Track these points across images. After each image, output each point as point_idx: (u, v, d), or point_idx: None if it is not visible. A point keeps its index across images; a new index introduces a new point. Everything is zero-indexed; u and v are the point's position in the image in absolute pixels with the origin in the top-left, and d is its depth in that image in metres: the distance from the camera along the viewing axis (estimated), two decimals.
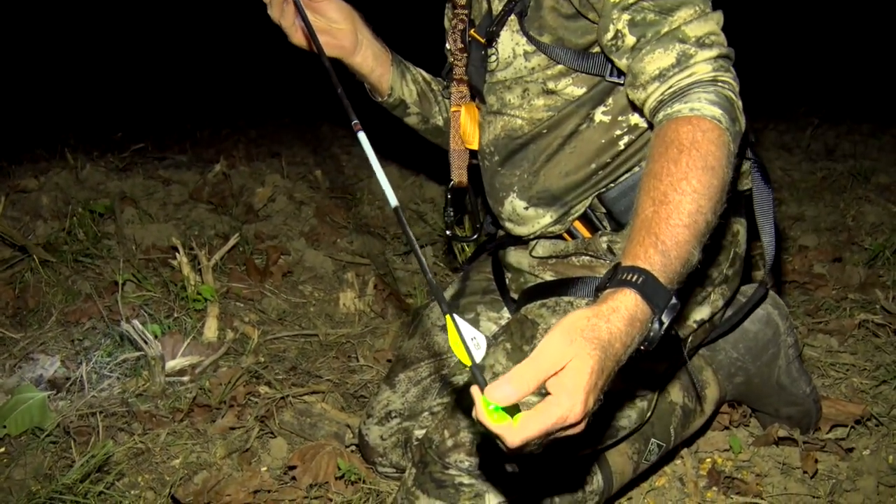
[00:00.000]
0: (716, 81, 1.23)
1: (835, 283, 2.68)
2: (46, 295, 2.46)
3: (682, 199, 1.09)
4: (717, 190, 1.12)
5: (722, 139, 1.15)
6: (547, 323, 1.49)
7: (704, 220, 1.10)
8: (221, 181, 3.30)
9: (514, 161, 1.55)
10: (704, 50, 1.24)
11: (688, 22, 1.25)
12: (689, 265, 1.09)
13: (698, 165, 1.11)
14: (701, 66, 1.24)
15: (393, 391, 1.77)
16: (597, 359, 0.95)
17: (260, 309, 2.46)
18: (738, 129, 1.22)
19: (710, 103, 1.19)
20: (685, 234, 1.08)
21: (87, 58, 7.01)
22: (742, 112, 1.24)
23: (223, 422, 1.96)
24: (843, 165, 3.97)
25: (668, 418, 1.68)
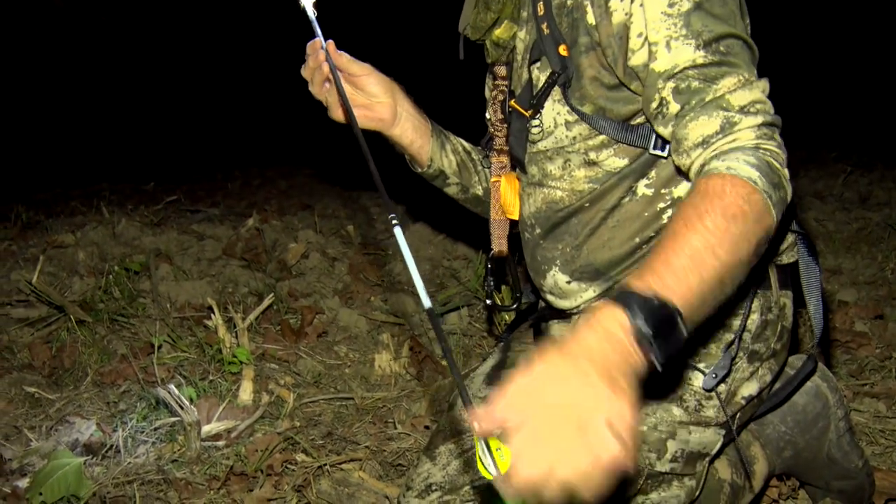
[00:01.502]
0: (758, 148, 1.20)
1: (878, 342, 2.62)
2: (82, 355, 2.47)
3: (689, 234, 1.06)
4: (736, 237, 1.08)
5: (753, 197, 1.13)
6: None
7: (715, 258, 1.05)
8: (254, 236, 3.31)
9: (557, 234, 1.53)
10: (749, 117, 1.22)
11: (732, 91, 1.24)
12: (691, 295, 1.03)
13: (717, 210, 1.09)
14: (745, 133, 1.22)
15: (433, 463, 1.74)
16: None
17: (295, 371, 2.45)
18: (782, 195, 1.18)
19: (748, 164, 1.17)
20: (684, 263, 1.03)
21: (118, 109, 7.13)
22: (788, 181, 1.21)
23: (260, 492, 1.93)
24: (878, 215, 3.92)
25: (717, 496, 1.63)
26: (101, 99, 7.29)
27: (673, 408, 1.44)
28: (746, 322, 1.46)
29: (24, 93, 7.09)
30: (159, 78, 7.70)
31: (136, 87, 7.53)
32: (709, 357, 1.45)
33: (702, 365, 1.45)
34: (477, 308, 2.85)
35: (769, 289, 1.50)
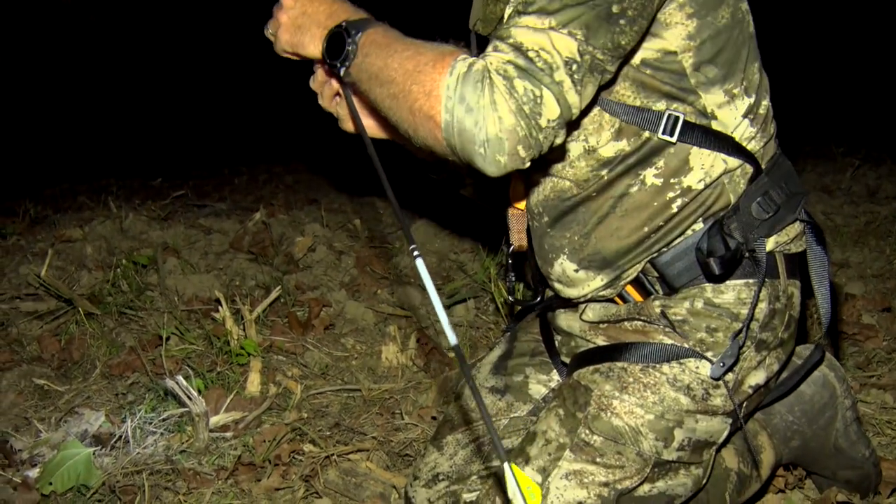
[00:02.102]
0: (487, 72, 1.17)
1: (885, 334, 2.62)
2: (91, 347, 2.48)
3: (402, 42, 1.27)
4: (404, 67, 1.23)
5: (433, 71, 1.19)
6: (601, 389, 1.47)
7: (381, 70, 1.26)
8: (261, 230, 3.32)
9: (564, 223, 1.53)
10: (511, 52, 1.18)
11: (524, 27, 1.20)
12: (365, 60, 1.29)
13: (413, 57, 1.23)
14: (494, 57, 1.19)
15: (440, 453, 1.75)
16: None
17: (302, 363, 2.46)
18: (460, 117, 1.16)
19: (466, 65, 1.18)
20: (383, 43, 1.28)
21: (125, 102, 7.15)
22: (481, 126, 1.15)
23: (268, 482, 1.94)
24: (886, 208, 3.91)
25: (724, 485, 1.64)
26: (109, 94, 7.32)
27: (680, 397, 1.45)
28: (754, 311, 1.46)
29: (31, 89, 7.13)
30: (167, 74, 7.72)
31: (144, 82, 7.55)
32: (716, 346, 1.45)
33: (709, 354, 1.45)
34: (483, 300, 2.85)
35: (777, 278, 1.50)
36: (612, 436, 1.44)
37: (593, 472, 1.43)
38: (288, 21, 1.42)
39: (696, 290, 1.47)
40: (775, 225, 1.46)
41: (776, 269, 1.49)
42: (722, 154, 1.42)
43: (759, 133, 1.46)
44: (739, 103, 1.42)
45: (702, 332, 1.46)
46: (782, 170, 1.49)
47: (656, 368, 1.45)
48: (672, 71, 1.37)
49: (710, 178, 1.43)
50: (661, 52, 1.35)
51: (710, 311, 1.46)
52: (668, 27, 1.34)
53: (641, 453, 1.44)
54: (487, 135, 1.15)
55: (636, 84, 1.38)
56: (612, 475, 1.43)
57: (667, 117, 1.38)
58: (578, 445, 1.45)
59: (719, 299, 1.46)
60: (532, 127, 1.16)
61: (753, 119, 1.45)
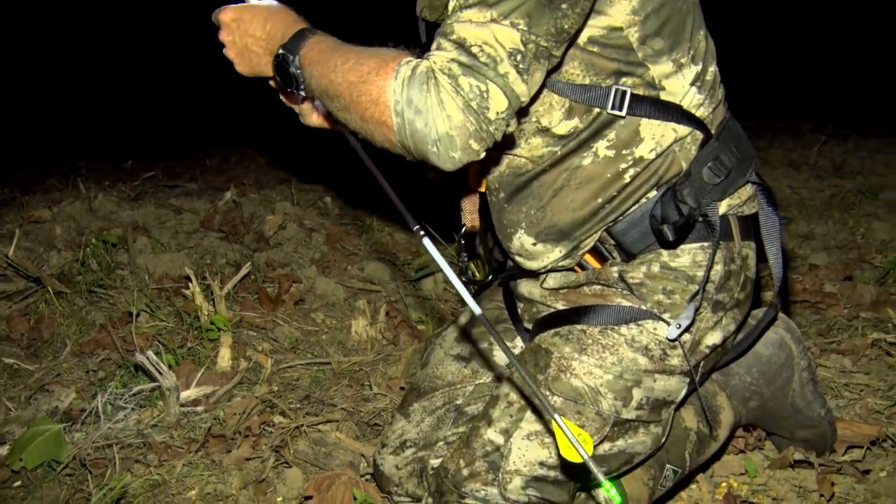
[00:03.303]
0: (431, 73, 1.19)
1: (846, 302, 2.68)
2: (61, 326, 2.48)
3: (343, 52, 1.31)
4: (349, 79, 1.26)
5: (377, 80, 1.21)
6: (560, 351, 1.50)
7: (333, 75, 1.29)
8: (232, 209, 3.32)
9: (520, 197, 1.55)
10: (456, 51, 1.20)
11: (466, 22, 1.22)
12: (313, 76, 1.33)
13: (359, 64, 1.26)
14: (438, 57, 1.21)
15: (407, 421, 1.77)
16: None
17: (272, 338, 2.47)
18: (411, 119, 1.19)
19: (410, 69, 1.20)
20: (326, 55, 1.31)
21: (96, 86, 7.08)
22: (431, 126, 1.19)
23: (238, 452, 1.96)
24: (851, 182, 3.98)
25: (683, 444, 1.68)
26: (80, 78, 7.24)
27: (638, 357, 1.48)
28: (710, 273, 1.49)
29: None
30: (139, 56, 7.65)
31: (117, 65, 7.47)
32: (673, 308, 1.49)
33: (667, 315, 1.48)
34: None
35: (731, 240, 1.53)
36: (571, 396, 1.47)
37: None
38: (236, 54, 1.50)
39: (652, 255, 1.50)
40: (727, 188, 1.50)
41: (730, 231, 1.53)
42: (672, 123, 1.44)
43: (707, 99, 1.48)
44: (687, 72, 1.44)
45: (659, 294, 1.49)
46: (732, 134, 1.52)
47: (615, 330, 1.49)
48: (619, 46, 1.38)
49: (661, 148, 1.45)
50: (607, 28, 1.36)
51: (667, 274, 1.49)
52: (612, 4, 1.35)
53: (601, 412, 1.47)
54: (438, 133, 1.18)
55: (584, 63, 1.40)
56: None
57: (615, 92, 1.40)
58: (539, 407, 1.48)
59: (675, 263, 1.49)
60: (481, 121, 1.19)
61: (701, 86, 1.47)
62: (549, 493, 1.47)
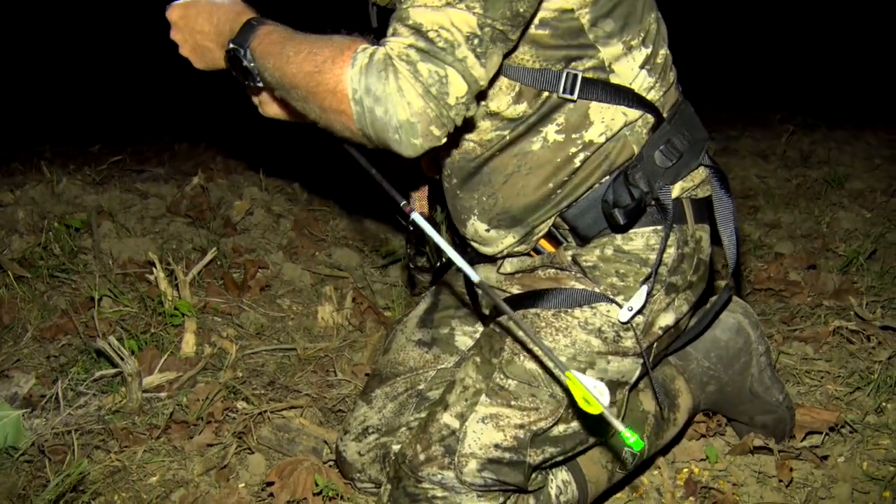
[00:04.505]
0: (389, 60, 1.18)
1: (809, 290, 2.71)
2: (22, 311, 2.44)
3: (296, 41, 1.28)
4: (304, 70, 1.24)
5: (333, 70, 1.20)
6: (513, 336, 1.50)
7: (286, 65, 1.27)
8: (199, 194, 3.29)
9: (472, 184, 1.54)
10: (413, 36, 1.19)
11: (421, 6, 1.21)
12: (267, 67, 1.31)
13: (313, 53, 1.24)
14: (394, 43, 1.20)
15: (369, 407, 1.77)
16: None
17: (238, 323, 2.45)
18: (371, 108, 1.18)
19: (367, 56, 1.19)
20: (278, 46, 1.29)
21: (63, 69, 6.97)
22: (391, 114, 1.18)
23: (200, 438, 1.95)
24: (817, 172, 4.01)
25: (642, 427, 1.69)
26: (48, 61, 7.13)
27: (592, 339, 1.49)
28: (662, 256, 1.50)
29: None
30: (108, 39, 7.53)
31: (85, 49, 7.36)
32: (627, 290, 1.49)
33: (619, 298, 1.49)
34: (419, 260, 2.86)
35: (685, 223, 1.53)
36: (525, 379, 1.48)
37: (508, 415, 1.47)
38: (189, 52, 1.48)
39: (606, 238, 1.51)
40: (680, 171, 1.50)
41: (683, 214, 1.53)
42: (622, 107, 1.44)
43: (658, 82, 1.48)
44: (637, 54, 1.44)
45: (612, 277, 1.50)
46: (684, 117, 1.52)
47: (568, 313, 1.49)
48: (570, 29, 1.37)
49: (611, 132, 1.45)
50: (559, 11, 1.35)
51: (620, 257, 1.50)
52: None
53: (555, 395, 1.47)
54: (399, 121, 1.17)
55: (535, 46, 1.39)
56: (527, 417, 1.47)
57: (565, 76, 1.40)
58: (494, 390, 1.49)
59: (629, 246, 1.50)
60: (442, 107, 1.18)
61: (651, 69, 1.47)
62: (504, 475, 1.47)
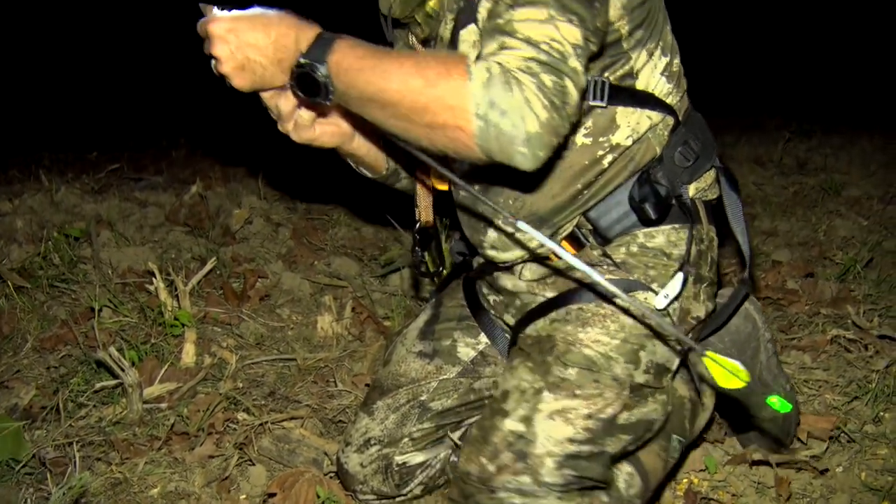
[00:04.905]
0: (510, 72, 1.17)
1: (807, 299, 2.71)
2: (21, 321, 2.44)
3: (393, 58, 1.25)
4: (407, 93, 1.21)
5: (452, 84, 1.18)
6: (563, 332, 1.50)
7: (385, 82, 1.23)
8: (198, 203, 3.29)
9: (497, 189, 1.55)
10: (529, 48, 1.19)
11: (525, 20, 1.21)
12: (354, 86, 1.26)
13: (421, 68, 1.21)
14: (511, 56, 1.19)
15: (371, 418, 1.77)
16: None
17: (237, 333, 2.46)
18: (498, 122, 1.16)
19: (485, 70, 1.17)
20: (369, 61, 1.25)
21: (61, 75, 6.97)
22: (522, 120, 1.16)
23: (202, 450, 1.95)
24: (814, 179, 4.03)
25: (681, 412, 1.69)
26: (45, 67, 7.12)
27: (638, 323, 1.50)
28: (690, 247, 1.54)
29: None
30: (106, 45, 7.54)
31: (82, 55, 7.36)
32: (660, 279, 1.52)
33: (654, 285, 1.51)
34: None
35: (700, 223, 1.58)
36: (585, 365, 1.46)
37: (575, 407, 1.45)
38: (234, 68, 1.35)
39: (628, 237, 1.53)
40: (695, 172, 1.55)
41: (698, 214, 1.58)
42: (647, 110, 1.48)
43: (675, 88, 1.53)
44: (658, 62, 1.49)
45: (644, 268, 1.53)
46: (695, 120, 1.58)
47: (610, 303, 1.51)
48: (612, 40, 1.41)
49: (637, 134, 1.49)
50: (603, 23, 1.36)
51: (646, 251, 1.53)
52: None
53: (616, 377, 1.47)
54: (528, 133, 1.16)
55: None
56: (593, 405, 1.45)
57: (594, 84, 1.42)
58: (555, 384, 1.46)
59: (652, 243, 1.53)
60: (563, 116, 1.19)
61: (669, 76, 1.52)
62: (584, 470, 1.44)
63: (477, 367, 1.78)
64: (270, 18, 1.34)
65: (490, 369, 1.78)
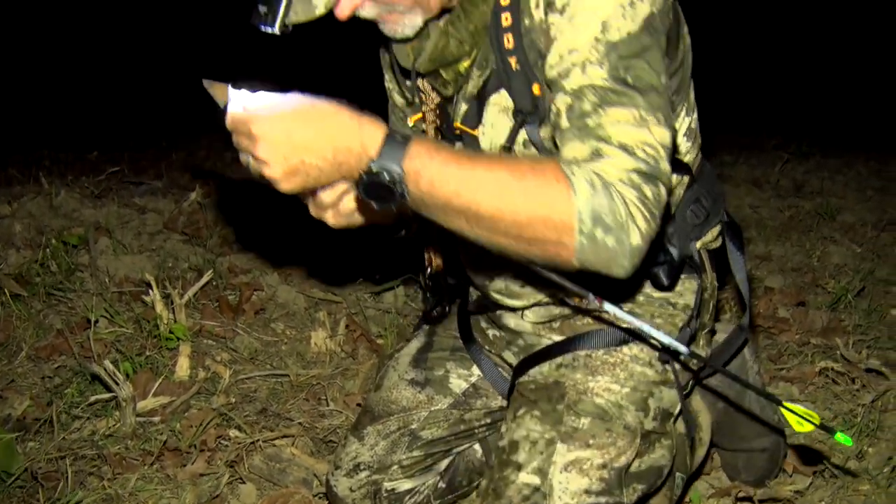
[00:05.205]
0: (613, 186, 1.14)
1: (798, 328, 2.74)
2: (17, 329, 2.46)
3: (485, 164, 1.15)
4: (506, 213, 1.13)
5: (560, 208, 1.12)
6: (572, 379, 1.51)
7: (477, 198, 1.13)
8: (196, 210, 3.31)
9: None
10: (625, 156, 1.16)
11: (618, 123, 1.18)
12: (436, 196, 1.15)
13: (520, 181, 1.13)
14: (610, 169, 1.16)
15: (361, 444, 1.79)
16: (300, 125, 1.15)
17: (232, 347, 2.47)
18: (603, 240, 1.13)
19: (588, 184, 1.12)
20: (456, 175, 1.13)
21: (62, 73, 6.98)
22: (629, 238, 1.14)
23: (193, 467, 1.97)
24: (810, 203, 4.06)
25: (683, 448, 1.71)
26: (47, 64, 7.13)
27: (646, 370, 1.52)
28: (700, 300, 1.59)
29: None
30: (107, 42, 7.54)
31: (83, 52, 7.37)
32: (664, 327, 1.55)
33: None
34: (412, 287, 2.89)
35: (705, 272, 1.61)
36: (598, 414, 1.47)
37: (589, 457, 1.44)
38: (284, 173, 1.16)
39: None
40: (704, 228, 1.59)
41: (703, 265, 1.61)
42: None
43: (692, 146, 1.56)
44: (682, 124, 1.51)
45: (649, 316, 1.56)
46: (706, 172, 1.61)
47: (618, 350, 1.52)
48: None
49: None
50: None
51: (652, 301, 1.57)
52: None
53: (628, 426, 1.47)
54: (632, 247, 1.14)
55: None
56: (607, 454, 1.45)
57: None
58: (568, 434, 1.46)
59: (657, 294, 1.57)
60: (657, 222, 1.18)
61: (689, 134, 1.54)
62: None
63: (469, 399, 1.79)
64: (324, 112, 1.16)
65: (482, 401, 1.79)
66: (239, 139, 1.20)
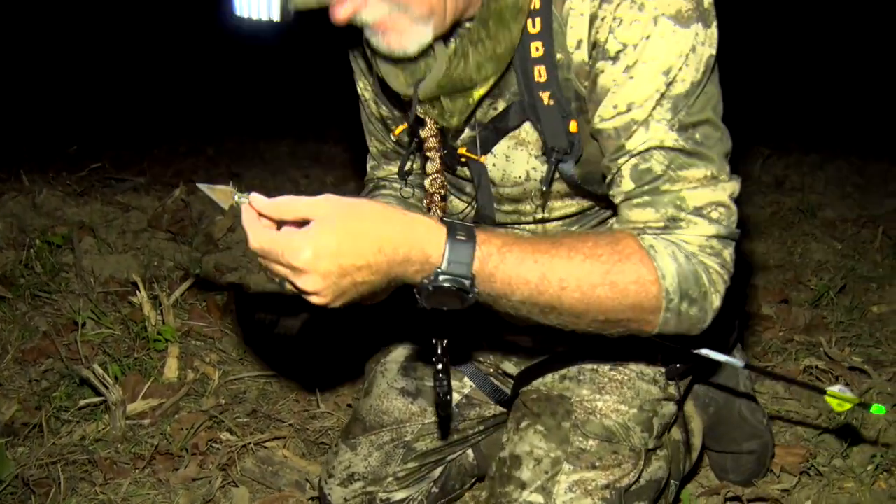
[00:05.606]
0: (695, 256, 1.15)
1: (781, 325, 2.77)
2: (2, 332, 2.44)
3: (563, 255, 1.10)
4: (593, 299, 1.10)
5: (647, 287, 1.11)
6: (579, 395, 1.51)
7: (557, 289, 1.09)
8: (180, 208, 3.29)
9: None
10: (701, 222, 1.16)
11: (693, 186, 1.15)
12: (514, 295, 1.09)
13: (604, 265, 1.10)
14: (689, 239, 1.16)
15: (354, 454, 1.75)
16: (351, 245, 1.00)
17: (220, 348, 2.46)
18: (691, 313, 1.15)
19: (671, 259, 1.13)
20: (535, 272, 1.08)
21: (40, 68, 6.89)
22: (713, 306, 1.16)
23: (186, 471, 1.97)
24: (791, 199, 4.09)
25: (678, 456, 1.72)
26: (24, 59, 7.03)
27: (651, 388, 1.53)
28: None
29: None
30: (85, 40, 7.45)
31: (60, 48, 7.27)
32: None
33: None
34: None
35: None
36: (605, 437, 1.47)
37: (594, 478, 1.45)
38: (333, 297, 1.03)
39: None
40: None
41: None
42: None
43: None
44: None
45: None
46: None
47: (624, 366, 1.53)
48: None
49: None
50: None
51: None
52: None
53: (634, 448, 1.48)
54: (713, 311, 1.17)
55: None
56: (611, 475, 1.45)
57: None
58: (574, 454, 1.47)
59: None
60: (732, 275, 1.19)
61: None
62: None
63: (462, 410, 1.78)
64: (372, 223, 1.02)
65: (475, 411, 1.78)
66: (271, 266, 1.05)
